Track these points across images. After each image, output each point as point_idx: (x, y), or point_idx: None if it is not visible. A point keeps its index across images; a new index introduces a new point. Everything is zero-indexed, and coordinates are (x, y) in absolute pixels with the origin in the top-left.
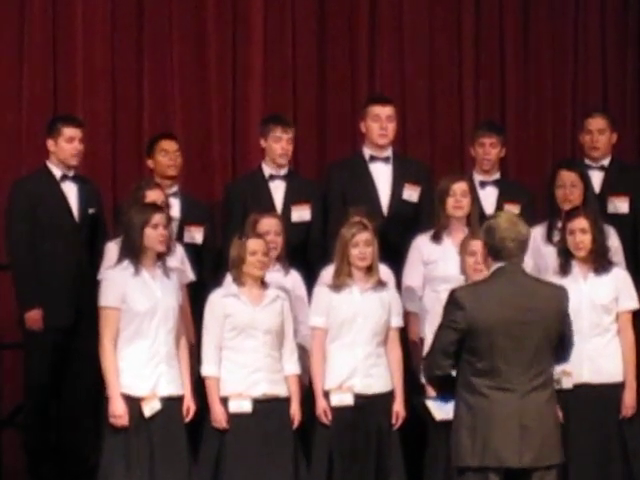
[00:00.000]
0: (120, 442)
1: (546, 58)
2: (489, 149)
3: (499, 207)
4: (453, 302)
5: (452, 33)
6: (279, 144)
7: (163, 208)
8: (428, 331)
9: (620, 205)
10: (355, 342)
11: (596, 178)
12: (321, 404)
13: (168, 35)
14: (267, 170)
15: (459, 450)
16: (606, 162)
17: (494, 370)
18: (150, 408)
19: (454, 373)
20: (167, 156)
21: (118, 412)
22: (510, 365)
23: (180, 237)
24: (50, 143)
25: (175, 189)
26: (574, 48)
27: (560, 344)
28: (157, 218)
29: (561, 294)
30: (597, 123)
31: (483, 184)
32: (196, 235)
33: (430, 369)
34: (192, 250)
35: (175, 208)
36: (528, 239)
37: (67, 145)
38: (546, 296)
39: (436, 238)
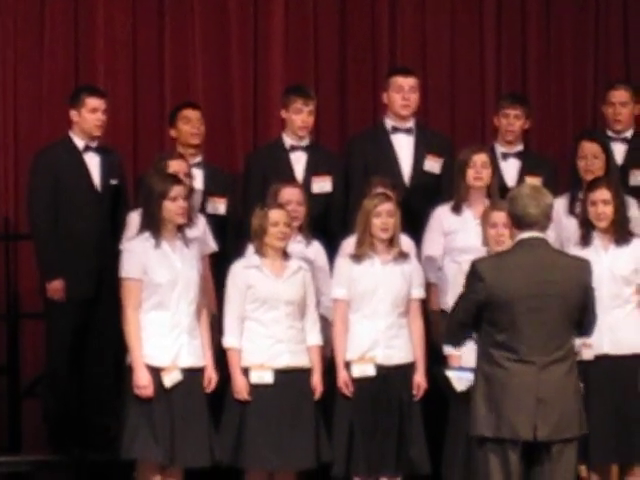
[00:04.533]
0: (143, 412)
1: (568, 28)
2: (513, 120)
3: (521, 179)
4: (473, 273)
5: (474, 3)
6: (300, 116)
7: (182, 180)
8: (450, 302)
9: None
10: (376, 313)
11: (619, 150)
12: (342, 375)
13: (189, 4)
14: (288, 141)
15: (476, 420)
16: (629, 134)
17: (513, 342)
18: (171, 379)
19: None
20: (190, 124)
21: (142, 382)
22: (529, 337)
23: (203, 208)
24: (73, 113)
25: (198, 159)
26: (595, 18)
27: (582, 317)
28: (176, 190)
29: (584, 266)
30: (620, 95)
31: (505, 156)
32: (219, 206)
33: (449, 339)
34: (215, 221)
35: (198, 179)
36: (552, 208)
37: (90, 115)
38: (568, 268)
39: (456, 209)
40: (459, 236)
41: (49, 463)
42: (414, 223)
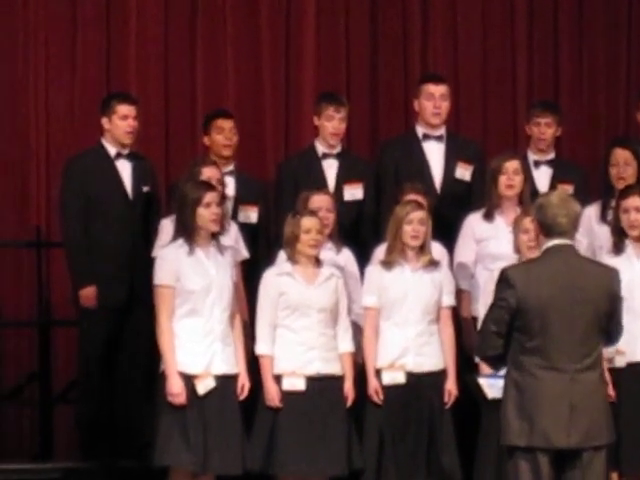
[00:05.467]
0: (177, 420)
1: (600, 34)
2: (544, 129)
3: (553, 186)
4: (504, 281)
5: (505, 10)
6: (331, 123)
7: (216, 187)
8: (481, 309)
9: None
10: (407, 321)
11: None
12: (372, 383)
13: (221, 13)
14: (320, 148)
15: (507, 429)
16: None
17: (544, 349)
18: (204, 386)
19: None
20: (223, 134)
21: (176, 390)
22: (560, 345)
23: (235, 216)
24: (104, 121)
25: (231, 167)
26: (628, 24)
27: (609, 326)
28: (209, 197)
29: (612, 275)
30: None
31: (537, 163)
32: (251, 214)
33: (483, 349)
34: (247, 229)
35: (230, 187)
36: (580, 216)
37: (121, 122)
38: (597, 276)
39: (488, 216)
40: (491, 243)
41: (81, 470)
42: (444, 230)
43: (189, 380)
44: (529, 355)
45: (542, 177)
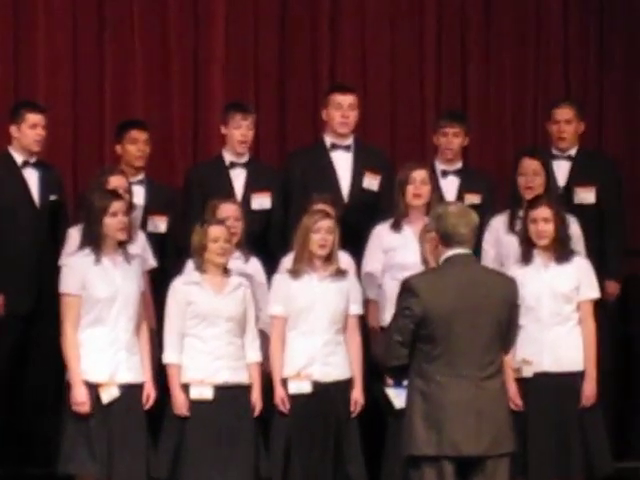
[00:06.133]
0: (81, 428)
1: (508, 45)
2: (452, 138)
3: (460, 196)
4: (407, 290)
5: (414, 20)
6: (239, 130)
7: (123, 195)
8: (388, 318)
9: (586, 196)
10: (313, 330)
11: (563, 167)
12: (279, 392)
13: (130, 21)
14: (228, 157)
15: (414, 439)
16: (573, 152)
17: (448, 358)
18: (108, 395)
19: None
20: (136, 145)
21: (80, 399)
22: (464, 353)
23: (144, 225)
24: (13, 129)
25: (141, 177)
26: (536, 34)
27: (507, 334)
28: (116, 206)
29: (511, 284)
30: (565, 113)
31: (445, 173)
32: (160, 224)
33: (388, 359)
34: (156, 238)
35: (140, 196)
36: (477, 227)
37: (30, 131)
38: (497, 285)
39: (396, 226)
40: (399, 253)
41: None
42: (353, 240)
43: (94, 389)
44: (434, 364)
45: (450, 187)
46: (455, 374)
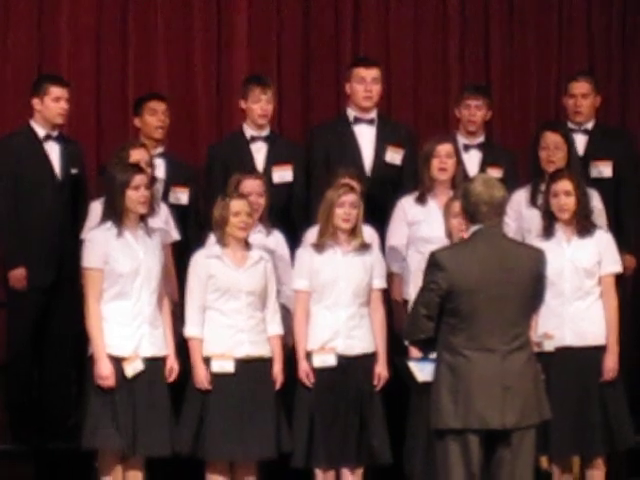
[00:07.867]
0: (105, 402)
1: (531, 20)
2: (474, 111)
3: (482, 170)
4: (433, 264)
5: None
6: (258, 104)
7: (145, 169)
8: (412, 292)
9: (603, 169)
10: (337, 304)
11: (579, 142)
12: (303, 366)
13: None
14: (248, 131)
15: (440, 412)
16: (590, 126)
17: (475, 331)
18: (132, 368)
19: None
20: (155, 116)
21: (105, 373)
22: (490, 326)
23: (165, 197)
24: (36, 102)
25: (161, 150)
26: (559, 8)
27: (535, 305)
28: (138, 179)
29: (538, 256)
30: (581, 87)
31: (467, 147)
32: (181, 196)
33: (413, 333)
34: (178, 211)
35: (160, 169)
36: (504, 202)
37: (53, 104)
38: (524, 258)
39: (420, 200)
40: (423, 226)
41: (9, 452)
42: (375, 213)
43: (118, 363)
44: (460, 337)
45: (472, 161)
46: (482, 347)
